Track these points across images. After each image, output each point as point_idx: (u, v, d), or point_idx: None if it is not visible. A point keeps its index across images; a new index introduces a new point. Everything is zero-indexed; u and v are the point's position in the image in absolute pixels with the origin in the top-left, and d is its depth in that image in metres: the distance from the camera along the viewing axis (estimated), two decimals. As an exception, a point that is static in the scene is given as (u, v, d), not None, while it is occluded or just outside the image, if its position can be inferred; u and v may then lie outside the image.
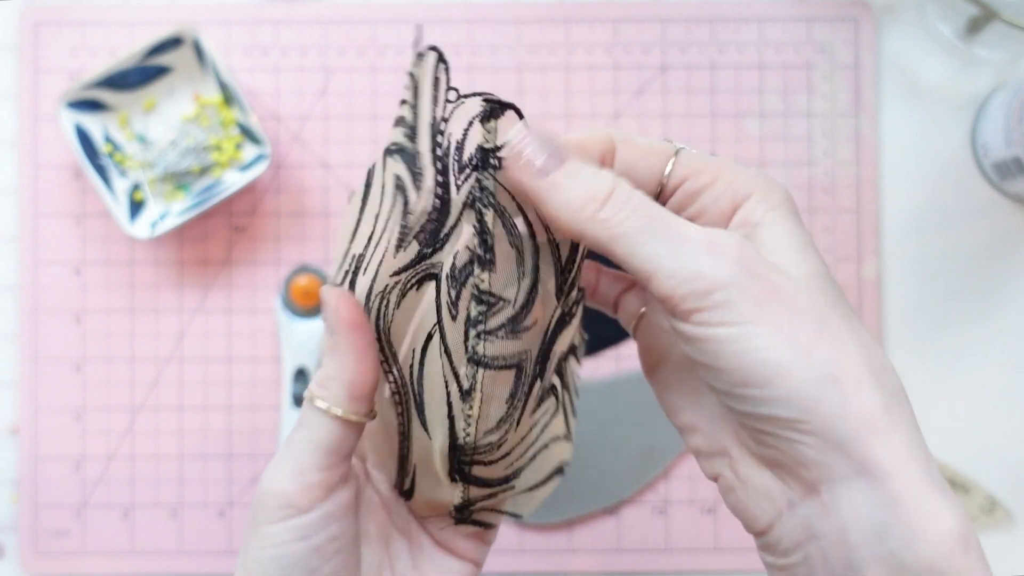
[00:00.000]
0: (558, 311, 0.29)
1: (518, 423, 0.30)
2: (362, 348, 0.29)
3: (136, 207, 0.54)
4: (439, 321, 0.28)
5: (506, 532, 0.55)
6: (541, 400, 0.31)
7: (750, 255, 0.25)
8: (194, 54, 0.54)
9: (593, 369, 0.55)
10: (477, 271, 0.26)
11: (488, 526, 0.33)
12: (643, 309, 0.32)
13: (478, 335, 0.27)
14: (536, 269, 0.27)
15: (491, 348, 0.27)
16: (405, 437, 0.32)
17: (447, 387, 0.28)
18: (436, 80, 0.26)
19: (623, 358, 0.55)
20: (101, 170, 0.53)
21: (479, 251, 0.26)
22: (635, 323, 0.32)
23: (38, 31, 0.56)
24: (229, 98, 0.54)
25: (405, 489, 0.33)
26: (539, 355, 0.29)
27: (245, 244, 0.56)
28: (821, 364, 0.25)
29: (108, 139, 0.54)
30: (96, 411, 0.55)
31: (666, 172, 0.29)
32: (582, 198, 0.26)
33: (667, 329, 0.30)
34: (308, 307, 0.54)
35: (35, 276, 0.55)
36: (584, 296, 0.33)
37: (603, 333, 0.55)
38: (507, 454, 0.30)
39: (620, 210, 0.26)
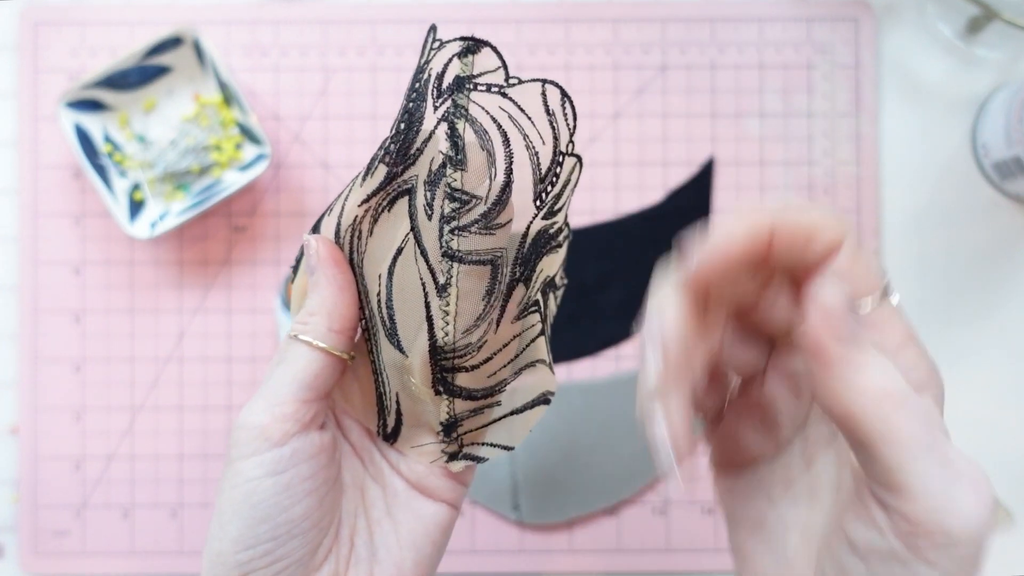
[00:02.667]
0: (537, 220, 0.30)
1: (497, 324, 0.31)
2: (342, 282, 0.31)
3: (136, 207, 0.54)
4: (413, 227, 0.30)
5: (506, 532, 0.55)
6: (525, 310, 0.32)
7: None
8: (194, 54, 0.54)
9: (593, 369, 0.55)
10: (450, 171, 0.28)
11: (480, 460, 0.33)
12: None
13: (452, 231, 0.29)
14: (509, 171, 0.29)
15: (464, 243, 0.29)
16: (378, 373, 0.33)
17: (424, 289, 0.30)
18: (424, 44, 0.30)
19: (623, 358, 0.55)
20: (101, 170, 0.53)
21: (450, 153, 0.28)
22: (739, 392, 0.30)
23: (38, 31, 0.56)
24: (229, 98, 0.54)
25: (390, 430, 0.34)
26: (518, 258, 0.30)
27: (245, 244, 0.56)
28: None
29: (108, 139, 0.54)
30: (96, 411, 0.55)
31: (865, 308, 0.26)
32: (879, 390, 0.24)
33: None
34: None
35: (35, 276, 0.55)
36: (571, 234, 0.34)
37: (603, 333, 0.55)
38: (489, 359, 0.31)
39: (908, 415, 0.24)
